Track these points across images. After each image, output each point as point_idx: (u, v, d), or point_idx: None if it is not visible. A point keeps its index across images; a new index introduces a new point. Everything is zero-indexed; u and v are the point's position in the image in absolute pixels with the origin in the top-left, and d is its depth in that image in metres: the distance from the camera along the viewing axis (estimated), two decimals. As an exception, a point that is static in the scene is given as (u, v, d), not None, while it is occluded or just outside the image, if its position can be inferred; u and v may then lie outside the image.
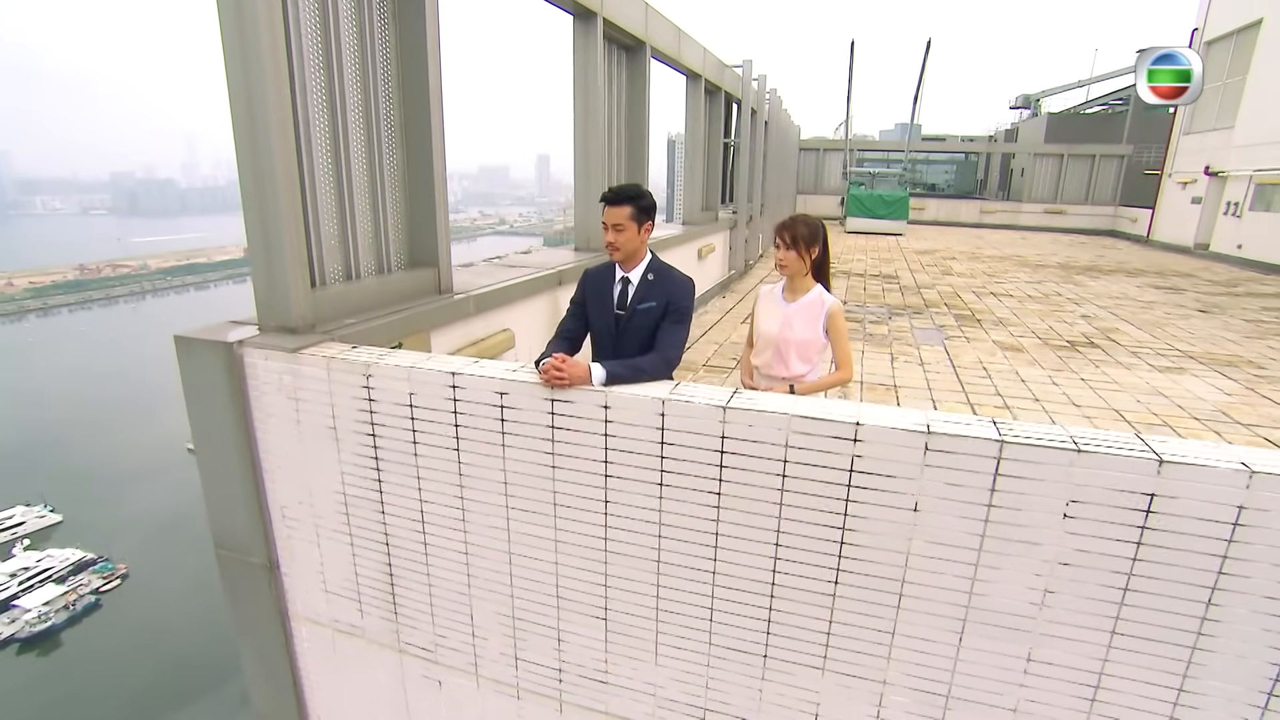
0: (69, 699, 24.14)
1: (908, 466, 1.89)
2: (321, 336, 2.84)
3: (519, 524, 2.45)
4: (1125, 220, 23.38)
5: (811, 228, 2.62)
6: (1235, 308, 10.39)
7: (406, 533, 2.71)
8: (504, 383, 2.29)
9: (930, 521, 1.92)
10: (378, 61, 3.43)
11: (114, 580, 30.76)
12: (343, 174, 3.28)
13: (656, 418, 2.11)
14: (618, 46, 6.31)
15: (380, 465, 2.64)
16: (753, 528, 2.10)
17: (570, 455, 2.27)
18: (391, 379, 2.48)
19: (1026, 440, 1.79)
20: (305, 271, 2.92)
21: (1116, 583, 1.80)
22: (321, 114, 3.12)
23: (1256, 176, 16.04)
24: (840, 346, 2.65)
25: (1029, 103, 38.61)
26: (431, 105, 3.61)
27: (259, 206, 2.75)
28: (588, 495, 2.29)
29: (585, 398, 2.19)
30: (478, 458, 2.42)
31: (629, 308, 2.51)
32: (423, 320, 3.50)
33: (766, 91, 13.24)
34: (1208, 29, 19.33)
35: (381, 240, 3.62)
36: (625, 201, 2.43)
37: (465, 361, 2.47)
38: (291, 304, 2.85)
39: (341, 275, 3.39)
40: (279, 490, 2.91)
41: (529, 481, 2.37)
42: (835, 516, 2.00)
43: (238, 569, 3.10)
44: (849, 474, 1.95)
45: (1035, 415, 5.38)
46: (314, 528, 2.91)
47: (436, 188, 3.73)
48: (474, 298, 3.88)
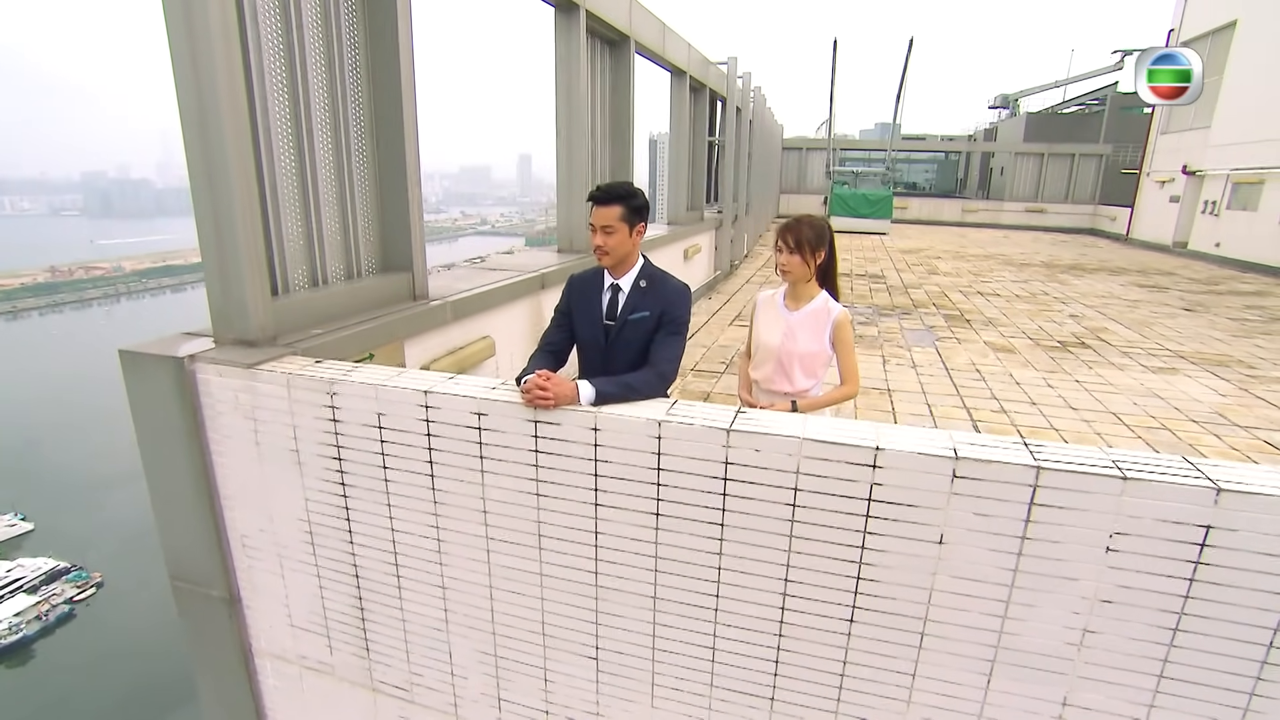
0: (42, 712, 23.45)
1: (933, 495, 1.71)
2: (283, 350, 2.60)
3: (500, 556, 2.23)
4: (1105, 219, 23.58)
5: (817, 230, 2.42)
6: (1219, 306, 10.41)
7: (377, 564, 2.48)
8: (482, 402, 2.07)
9: (957, 555, 1.74)
10: (345, 52, 3.19)
11: (88, 589, 29.99)
12: (307, 172, 3.04)
13: (651, 441, 1.90)
14: (601, 40, 6.10)
15: (347, 492, 2.41)
16: (760, 561, 1.91)
17: (556, 482, 2.06)
18: (357, 397, 2.26)
19: (1066, 466, 1.61)
20: (265, 278, 2.68)
21: (1165, 622, 1.62)
22: (282, 107, 2.88)
23: (1234, 175, 16.20)
24: (846, 359, 2.46)
25: (1008, 102, 38.93)
26: (404, 99, 3.38)
27: (211, 207, 2.51)
28: (576, 526, 2.08)
29: (572, 419, 1.98)
30: (454, 484, 2.20)
31: (619, 318, 2.30)
32: (396, 329, 3.27)
33: (751, 90, 13.09)
34: (1184, 30, 19.53)
35: (351, 243, 3.38)
36: (615, 201, 2.21)
37: (438, 378, 2.25)
38: (250, 314, 2.61)
39: (307, 281, 3.15)
40: (238, 518, 2.67)
41: (511, 510, 2.15)
42: (851, 550, 1.81)
43: (196, 602, 2.85)
44: (867, 503, 1.76)
45: (1032, 419, 5.25)
46: (277, 558, 2.67)
47: (410, 187, 3.50)
48: (451, 304, 3.65)
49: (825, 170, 24.94)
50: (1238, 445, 4.83)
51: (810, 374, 2.45)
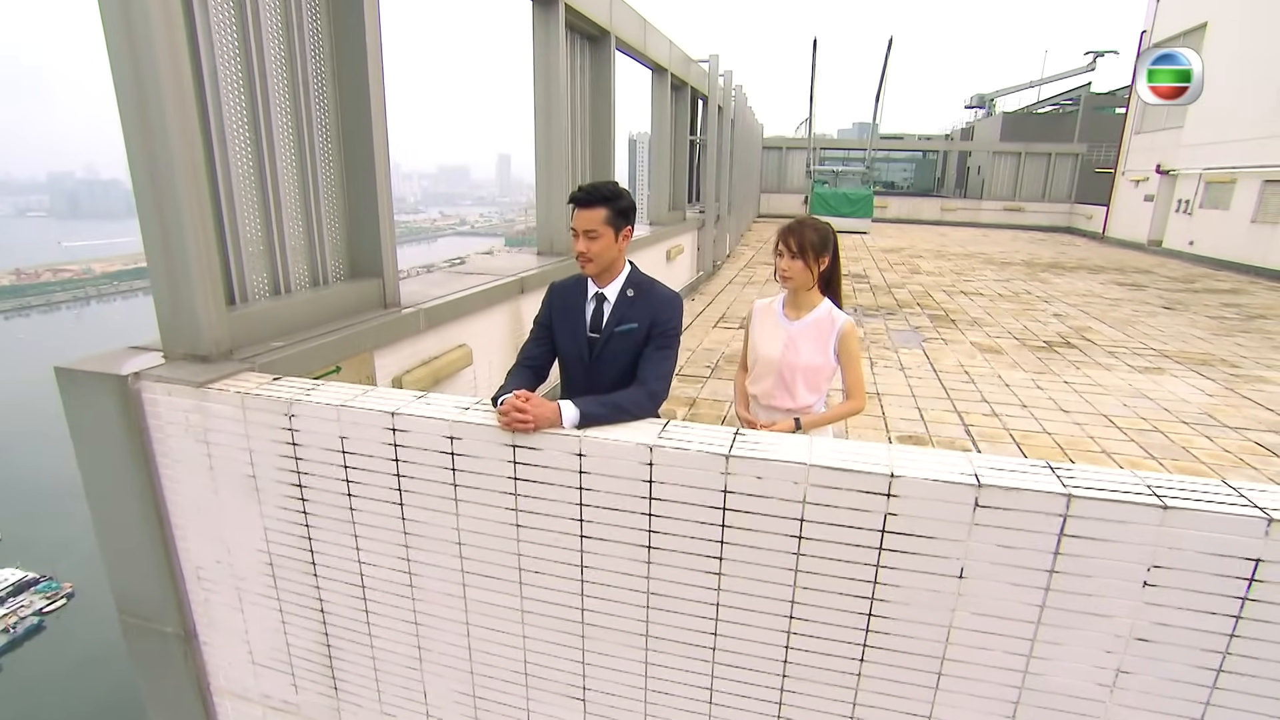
0: (8, 730, 22.72)
1: (953, 526, 1.55)
2: (239, 365, 2.39)
3: (478, 591, 2.05)
4: (1081, 217, 23.83)
5: (822, 233, 2.25)
6: (1197, 304, 10.48)
7: (344, 598, 2.28)
8: (454, 425, 1.88)
9: (979, 590, 1.59)
10: (308, 46, 2.98)
11: (58, 600, 29.08)
12: (266, 171, 2.83)
13: (643, 468, 1.73)
14: (581, 36, 5.91)
15: (310, 521, 2.21)
16: (762, 597, 1.75)
17: (538, 512, 1.88)
18: (318, 419, 2.06)
19: (1098, 494, 1.47)
20: (218, 287, 2.46)
21: (1207, 663, 1.49)
22: (237, 102, 2.66)
23: (1206, 175, 16.40)
24: (852, 372, 2.29)
25: (984, 102, 39.38)
26: (372, 94, 3.17)
27: (156, 208, 2.29)
28: (560, 559, 1.90)
29: (554, 443, 1.80)
30: (425, 514, 2.01)
31: (605, 330, 2.11)
32: (365, 339, 3.06)
33: (732, 88, 12.97)
34: (1156, 32, 19.78)
35: (316, 248, 3.17)
36: (600, 203, 2.02)
37: (407, 397, 2.06)
38: (201, 326, 2.39)
39: (267, 289, 2.93)
40: (192, 548, 2.45)
41: (488, 542, 1.97)
42: (863, 584, 1.66)
43: (147, 639, 2.63)
44: (880, 535, 1.61)
45: (1024, 421, 5.16)
46: (235, 591, 2.46)
47: (379, 188, 3.29)
48: (424, 311, 3.45)
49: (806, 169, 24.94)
50: (1230, 447, 4.77)
51: (814, 388, 2.28)
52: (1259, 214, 14.44)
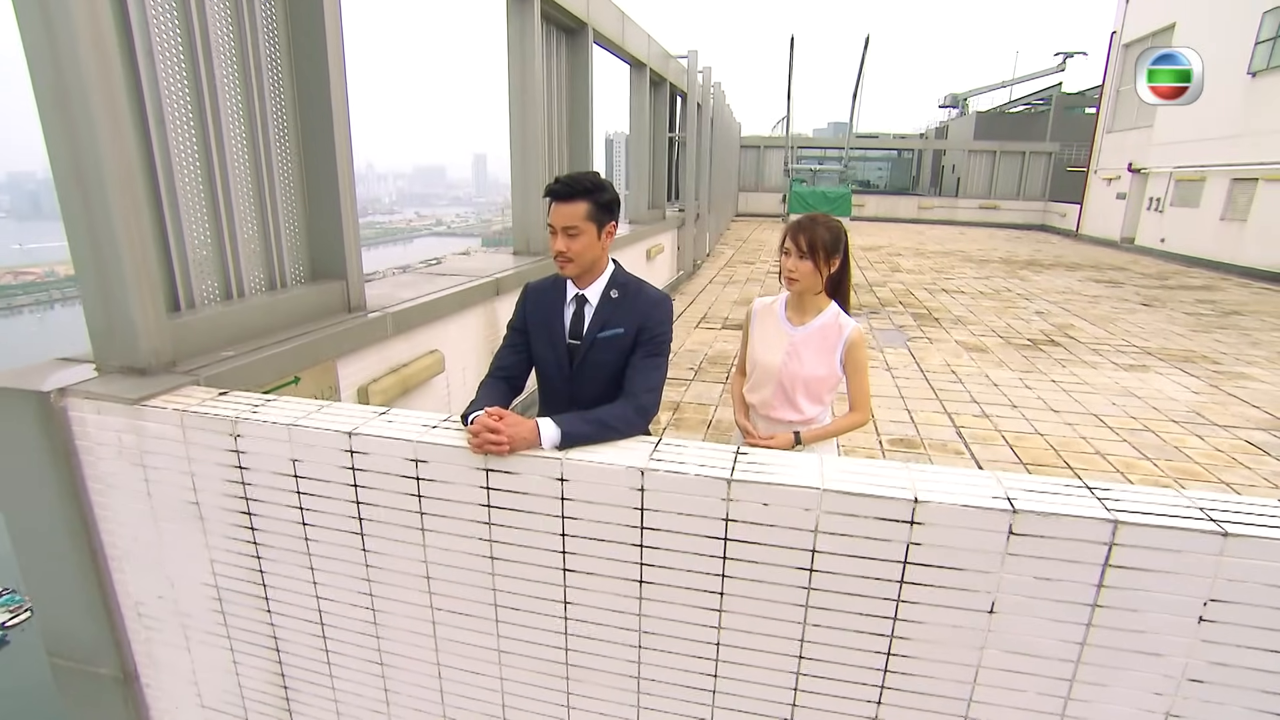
0: (-35, 754, 21.87)
1: (984, 556, 1.38)
2: (182, 378, 2.15)
3: (450, 629, 1.84)
4: (1055, 215, 24.10)
5: (834, 232, 2.04)
6: (1173, 301, 10.54)
7: (301, 636, 2.06)
8: (419, 446, 1.67)
9: (1012, 626, 1.42)
10: (260, 34, 2.74)
11: (22, 614, 28.07)
12: (215, 167, 2.58)
13: (633, 494, 1.54)
14: (557, 28, 5.70)
15: (261, 552, 1.98)
16: (769, 636, 1.56)
17: (515, 544, 1.67)
18: (267, 439, 1.83)
19: (1149, 519, 1.30)
20: (158, 291, 2.22)
21: (1270, 705, 1.33)
22: (179, 92, 2.42)
23: (1176, 173, 16.62)
24: (859, 384, 2.10)
25: (957, 102, 39.76)
26: (332, 85, 2.94)
27: (82, 206, 2.05)
28: (541, 595, 1.70)
29: (533, 467, 1.60)
30: (389, 544, 1.80)
31: (586, 337, 1.91)
32: (326, 347, 2.83)
33: (711, 85, 12.82)
34: (1125, 32, 20.06)
35: (273, 249, 2.92)
36: (580, 196, 1.81)
37: (366, 415, 1.84)
38: (138, 335, 2.15)
39: (218, 294, 2.69)
40: (131, 583, 2.20)
41: (460, 576, 1.76)
42: (882, 621, 1.48)
43: (82, 682, 2.38)
44: (902, 566, 1.43)
45: (1015, 422, 5.06)
46: (181, 629, 2.22)
47: (341, 184, 3.06)
48: (392, 315, 3.22)
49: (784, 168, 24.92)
50: (1222, 446, 4.71)
51: (817, 400, 2.09)
52: (1228, 211, 14.64)
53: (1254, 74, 13.86)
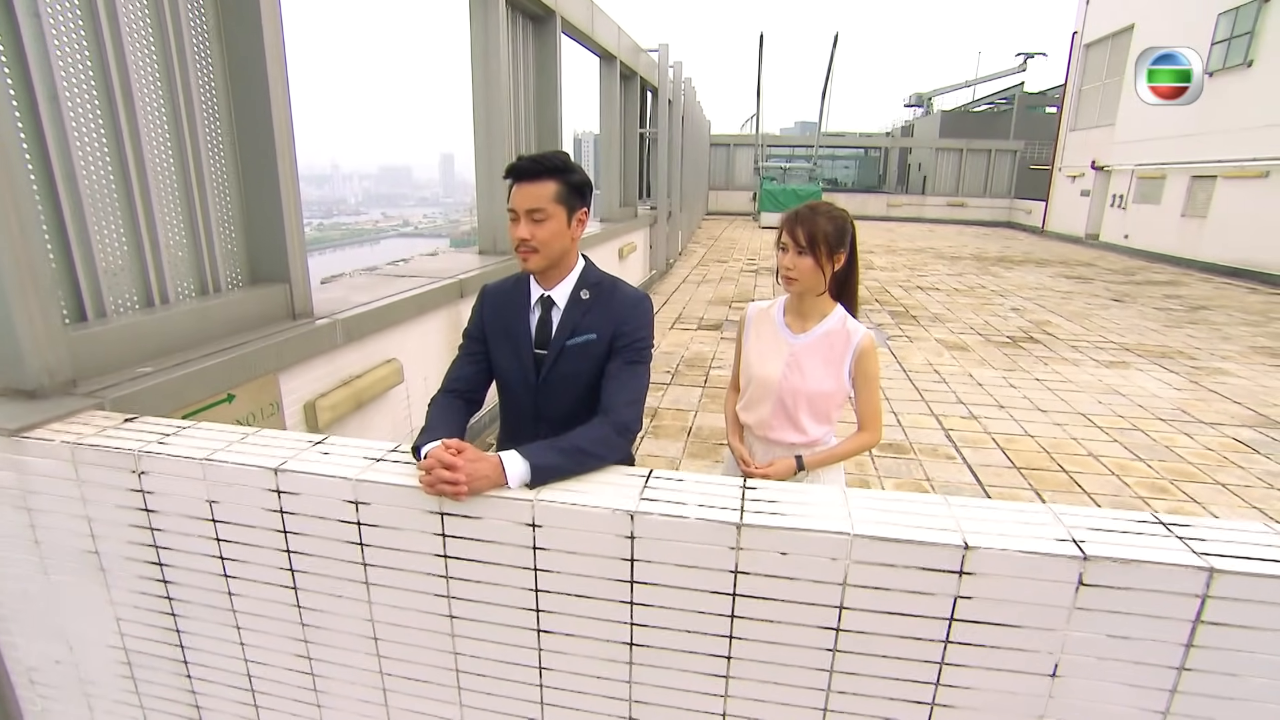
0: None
1: (1047, 611, 1.15)
2: (81, 402, 1.82)
3: (404, 698, 1.55)
4: (1021, 212, 24.44)
5: (838, 224, 1.75)
6: (1142, 296, 10.62)
7: (228, 704, 1.74)
8: (358, 485, 1.38)
9: (1078, 691, 1.18)
10: (182, 11, 2.40)
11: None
12: (128, 161, 2.24)
13: (621, 543, 1.27)
14: (524, 15, 5.39)
15: (176, 609, 1.66)
16: (785, 705, 1.30)
17: (479, 600, 1.39)
18: (178, 476, 1.52)
19: (1251, 568, 1.08)
20: (51, 298, 1.89)
21: (1388, 786, 1.11)
22: (79, 76, 2.08)
23: (1138, 171, 16.89)
24: (869, 399, 1.82)
25: (922, 101, 40.22)
26: (270, 71, 2.62)
27: (-51, 200, 1.70)
28: (511, 659, 1.42)
29: (498, 510, 1.32)
30: (327, 599, 1.50)
31: (554, 344, 1.63)
32: (266, 358, 2.51)
33: (682, 81, 12.60)
34: (1086, 33, 20.40)
35: (203, 250, 2.59)
36: (548, 175, 1.52)
37: (298, 445, 1.54)
38: (24, 352, 1.81)
39: (136, 300, 2.35)
40: (20, 646, 1.86)
41: (414, 637, 1.47)
42: (923, 688, 1.23)
43: (-30, 757, 2.02)
44: (948, 624, 1.18)
45: (1004, 424, 4.91)
46: (83, 697, 1.88)
47: (283, 179, 2.74)
48: (342, 322, 2.90)
49: (754, 166, 24.87)
50: (1211, 445, 4.61)
51: (822, 418, 1.82)
52: (1188, 208, 14.90)
53: (1211, 74, 14.08)
